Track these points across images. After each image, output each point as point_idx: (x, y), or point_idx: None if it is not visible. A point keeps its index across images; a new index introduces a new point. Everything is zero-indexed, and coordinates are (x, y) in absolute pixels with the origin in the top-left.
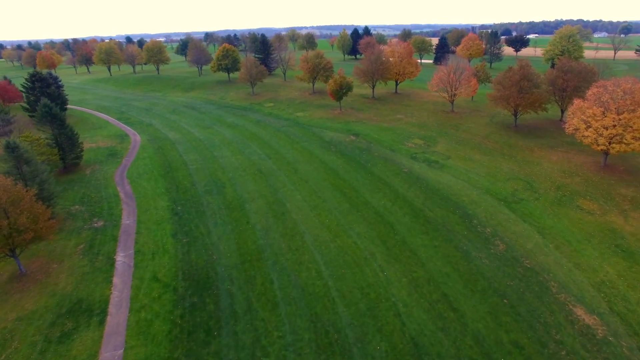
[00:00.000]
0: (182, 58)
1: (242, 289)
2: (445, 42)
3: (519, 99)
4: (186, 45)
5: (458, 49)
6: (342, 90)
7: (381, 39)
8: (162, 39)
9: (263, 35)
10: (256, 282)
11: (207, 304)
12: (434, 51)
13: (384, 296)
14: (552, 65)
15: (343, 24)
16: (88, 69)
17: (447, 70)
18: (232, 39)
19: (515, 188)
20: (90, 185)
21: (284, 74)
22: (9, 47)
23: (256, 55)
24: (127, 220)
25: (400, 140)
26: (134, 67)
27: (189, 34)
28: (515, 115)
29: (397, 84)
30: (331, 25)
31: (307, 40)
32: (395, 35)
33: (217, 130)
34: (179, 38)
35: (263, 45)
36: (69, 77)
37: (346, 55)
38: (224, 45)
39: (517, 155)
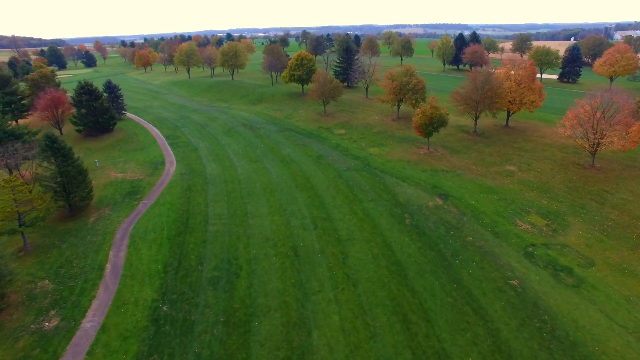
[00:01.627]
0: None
1: None
2: (578, 53)
3: None
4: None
5: (597, 64)
6: (432, 126)
7: (491, 46)
8: (251, 35)
9: (357, 37)
10: None
11: None
12: (560, 64)
13: None
14: None
15: (450, 22)
16: (175, 68)
17: (590, 106)
18: (323, 39)
19: None
20: (83, 243)
21: (366, 89)
22: (124, 42)
23: (337, 64)
24: (90, 322)
25: (509, 213)
26: (212, 69)
27: (286, 29)
28: None
29: (509, 115)
30: (437, 24)
31: (404, 45)
32: (506, 37)
33: (266, 166)
34: (273, 34)
35: (346, 52)
36: (156, 76)
37: (446, 65)
38: (299, 53)
39: None
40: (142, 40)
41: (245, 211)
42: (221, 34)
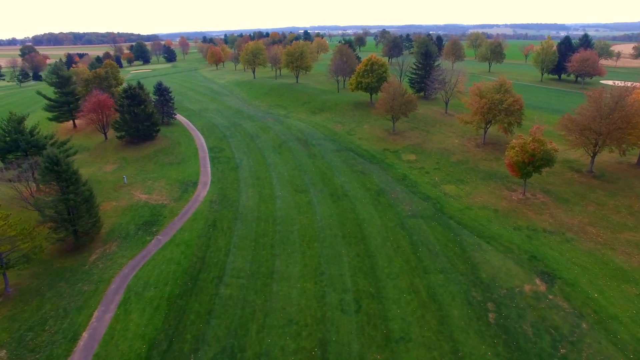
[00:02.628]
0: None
1: None
2: None
3: None
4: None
5: None
6: (532, 165)
7: (603, 50)
8: (329, 33)
9: (439, 39)
10: None
11: None
12: None
13: None
14: None
15: (543, 22)
16: (245, 67)
17: None
18: (400, 40)
19: None
20: (70, 294)
21: (446, 103)
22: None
23: (413, 71)
24: None
25: None
26: (279, 70)
27: (366, 28)
28: None
29: None
30: (528, 24)
31: (493, 49)
32: (614, 39)
33: (312, 200)
34: (352, 32)
35: (425, 57)
36: (223, 74)
37: (545, 74)
38: (369, 57)
39: None
40: (222, 37)
41: (271, 269)
42: (301, 31)
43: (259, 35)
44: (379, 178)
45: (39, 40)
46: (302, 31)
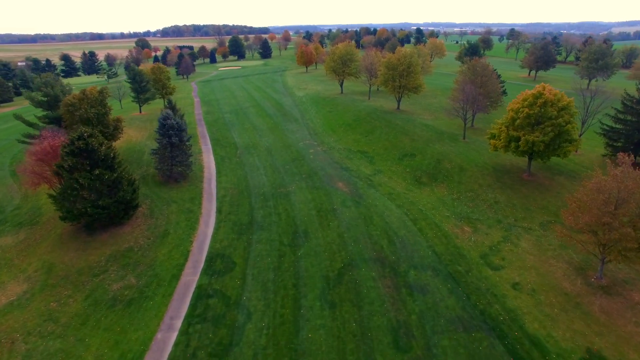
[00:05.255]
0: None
1: None
2: None
3: None
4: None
5: None
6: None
7: None
8: (444, 31)
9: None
10: None
11: None
12: None
13: None
14: None
15: None
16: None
17: None
18: (551, 45)
19: None
20: None
21: None
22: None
23: (621, 115)
24: None
25: None
26: (371, 84)
27: (486, 25)
28: None
29: None
30: None
31: None
32: None
33: None
34: (470, 30)
35: None
36: (307, 82)
37: None
38: (539, 88)
39: None
40: (326, 31)
41: None
42: (413, 27)
43: (366, 31)
44: None
45: (166, 32)
46: (415, 28)
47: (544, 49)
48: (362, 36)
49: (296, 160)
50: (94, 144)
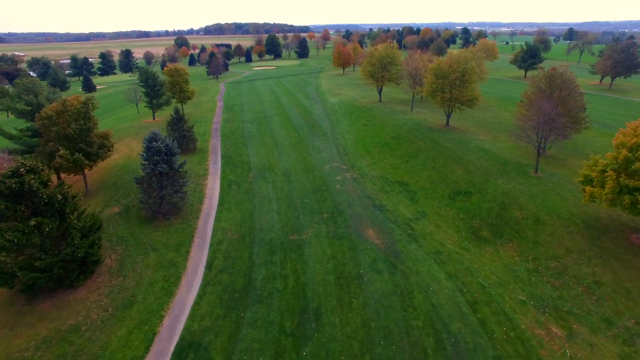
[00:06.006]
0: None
1: None
2: None
3: None
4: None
5: None
6: None
7: None
8: (492, 30)
9: None
10: None
11: None
12: None
13: None
14: None
15: None
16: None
17: None
18: (633, 45)
19: None
20: None
21: None
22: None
23: None
24: None
25: None
26: (412, 96)
27: (539, 25)
28: None
29: None
30: None
31: None
32: None
33: None
34: (519, 30)
35: None
36: (342, 86)
37: None
38: None
39: None
40: (367, 31)
41: None
42: (458, 27)
43: (409, 31)
44: None
45: (208, 30)
46: (460, 28)
47: (625, 51)
48: (404, 36)
49: (318, 191)
50: (32, 183)
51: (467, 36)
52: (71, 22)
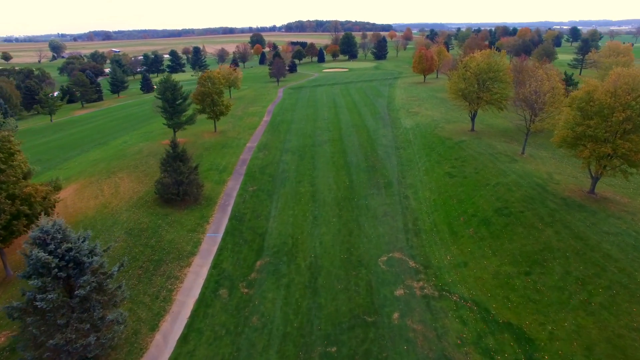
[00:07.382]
0: None
1: None
2: None
3: None
4: None
5: None
6: None
7: None
8: (610, 30)
9: None
10: None
11: None
12: None
13: None
14: None
15: None
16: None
17: None
18: None
19: None
20: None
21: None
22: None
23: None
24: None
25: None
26: (526, 132)
27: None
28: None
29: None
30: None
31: None
32: None
33: None
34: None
35: None
36: (422, 100)
37: None
38: None
39: None
40: (454, 30)
41: None
42: (556, 27)
43: (503, 31)
44: None
45: (290, 27)
46: (566, 27)
47: None
48: (498, 37)
49: (358, 327)
50: None
51: (584, 38)
52: (169, 19)
